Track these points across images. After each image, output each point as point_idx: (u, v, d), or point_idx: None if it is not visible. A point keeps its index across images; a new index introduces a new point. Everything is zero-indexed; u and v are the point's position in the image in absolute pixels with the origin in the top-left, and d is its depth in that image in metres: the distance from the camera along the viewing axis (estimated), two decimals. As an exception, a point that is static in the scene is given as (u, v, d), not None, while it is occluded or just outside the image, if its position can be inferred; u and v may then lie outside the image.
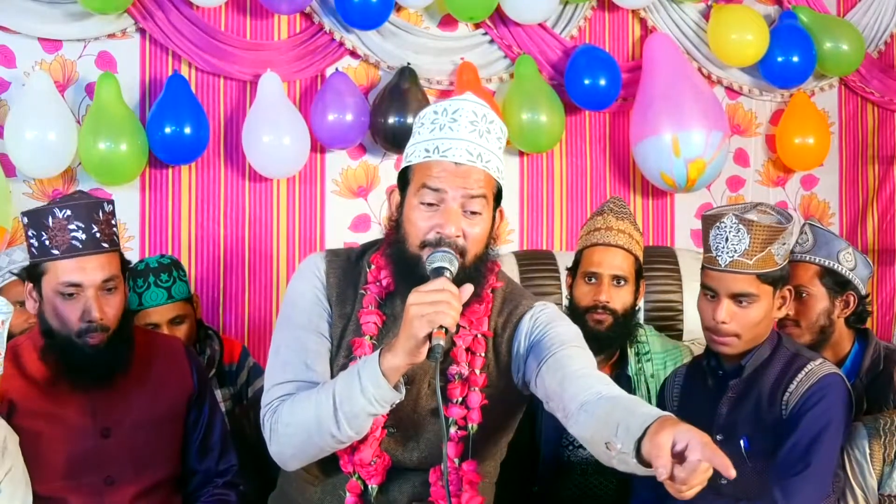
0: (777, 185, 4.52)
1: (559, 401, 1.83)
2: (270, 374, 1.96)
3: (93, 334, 2.26)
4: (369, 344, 1.93)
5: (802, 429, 2.23)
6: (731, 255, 2.29)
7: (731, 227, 2.30)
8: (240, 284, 3.85)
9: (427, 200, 1.87)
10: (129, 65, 3.72)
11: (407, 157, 1.95)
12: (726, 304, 2.30)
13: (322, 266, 2.01)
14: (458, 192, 1.86)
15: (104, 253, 2.30)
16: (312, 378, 1.91)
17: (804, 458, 2.22)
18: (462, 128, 1.88)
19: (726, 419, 2.34)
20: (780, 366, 2.34)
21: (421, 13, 4.05)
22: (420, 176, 1.89)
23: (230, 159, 3.85)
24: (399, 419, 1.94)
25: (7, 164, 3.54)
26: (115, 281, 2.32)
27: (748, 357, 2.35)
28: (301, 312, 1.98)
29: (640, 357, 2.80)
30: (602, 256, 2.74)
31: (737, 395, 2.35)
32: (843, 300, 2.69)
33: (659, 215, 4.36)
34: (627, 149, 4.25)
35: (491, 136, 1.92)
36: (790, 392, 2.28)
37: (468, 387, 1.93)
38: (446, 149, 1.87)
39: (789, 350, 2.37)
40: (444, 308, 1.72)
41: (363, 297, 1.98)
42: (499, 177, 1.93)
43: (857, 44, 4.35)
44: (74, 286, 2.25)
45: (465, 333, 1.94)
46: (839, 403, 2.28)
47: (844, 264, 2.69)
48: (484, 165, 1.89)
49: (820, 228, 2.75)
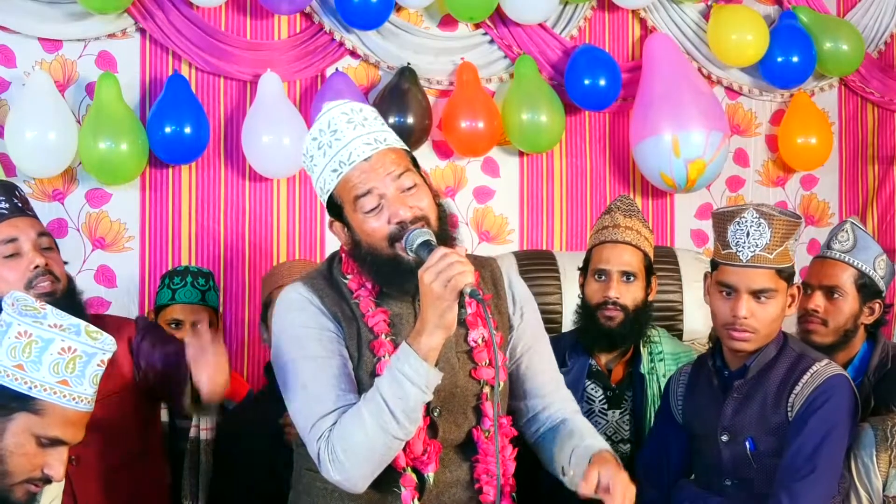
0: (777, 185, 4.52)
1: (527, 406, 2.10)
2: (306, 413, 1.92)
3: (41, 279, 2.27)
4: (388, 341, 1.95)
5: (808, 431, 2.23)
6: (752, 249, 2.27)
7: (752, 222, 2.28)
8: (240, 284, 3.85)
9: (368, 207, 1.91)
10: (130, 65, 3.72)
11: (323, 190, 1.98)
12: (747, 299, 2.29)
13: (309, 294, 1.99)
14: (387, 180, 1.91)
15: (31, 217, 2.37)
16: (351, 401, 1.90)
17: (810, 460, 2.21)
18: (345, 132, 1.94)
19: (731, 420, 2.33)
20: (785, 367, 2.33)
21: (421, 13, 4.05)
22: (346, 192, 1.93)
23: (230, 159, 3.85)
24: (443, 399, 1.96)
25: (7, 163, 3.54)
26: (49, 239, 2.36)
27: (753, 358, 2.35)
28: (312, 344, 1.95)
29: (652, 357, 2.81)
30: (610, 253, 2.76)
31: (742, 395, 2.34)
32: (870, 307, 2.69)
33: (659, 215, 4.36)
34: (627, 149, 4.25)
35: (370, 120, 1.98)
36: (795, 394, 2.27)
37: (490, 348, 1.97)
38: (348, 155, 1.92)
39: (795, 351, 2.36)
40: (458, 268, 1.78)
41: (358, 305, 1.99)
42: (401, 145, 2.00)
43: (857, 44, 4.35)
44: (11, 242, 2.29)
45: (469, 301, 1.94)
46: (845, 405, 2.28)
47: (879, 271, 2.69)
48: (385, 145, 1.95)
49: (861, 230, 2.73)
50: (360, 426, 1.84)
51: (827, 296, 2.68)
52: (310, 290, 2.00)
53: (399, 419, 1.83)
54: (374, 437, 1.84)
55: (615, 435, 2.76)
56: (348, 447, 1.85)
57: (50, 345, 1.74)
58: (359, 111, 1.97)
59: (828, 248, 2.75)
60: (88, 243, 3.67)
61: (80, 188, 3.66)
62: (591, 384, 2.78)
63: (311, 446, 1.91)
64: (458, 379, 1.98)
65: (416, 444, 1.93)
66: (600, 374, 2.79)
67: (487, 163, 4.14)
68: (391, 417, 1.82)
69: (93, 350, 1.78)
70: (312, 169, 1.99)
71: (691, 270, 3.36)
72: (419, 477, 1.95)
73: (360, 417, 1.85)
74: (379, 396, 1.83)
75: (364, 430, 1.84)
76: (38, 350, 1.73)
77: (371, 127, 1.96)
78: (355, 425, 1.85)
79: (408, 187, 1.93)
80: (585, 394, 2.76)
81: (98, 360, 1.80)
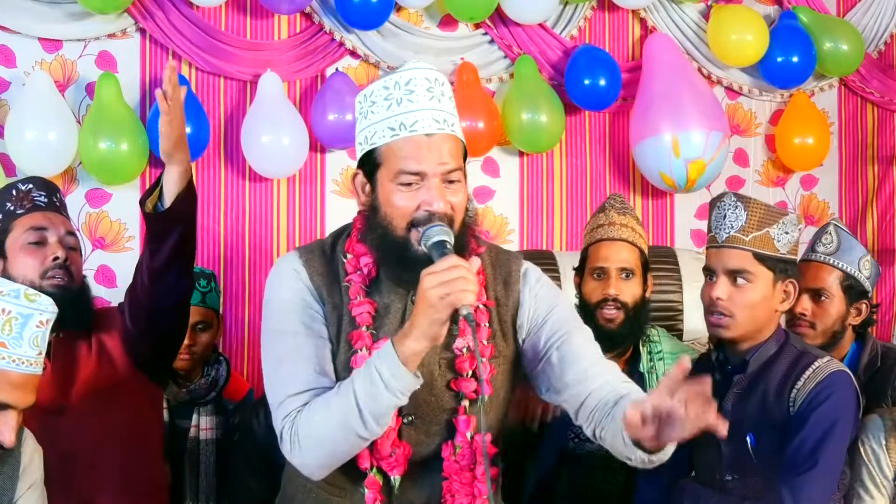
0: (777, 185, 4.53)
1: (572, 396, 1.89)
2: (278, 387, 1.88)
3: (57, 271, 2.30)
4: (368, 334, 1.88)
5: (810, 426, 2.22)
6: (728, 231, 2.31)
7: (729, 205, 2.32)
8: (240, 284, 3.85)
9: (406, 181, 1.82)
10: (130, 65, 3.72)
11: (367, 139, 1.88)
12: (723, 281, 2.31)
13: (301, 268, 1.93)
14: (438, 169, 1.82)
15: (64, 216, 2.44)
16: (324, 384, 1.85)
17: (812, 456, 2.21)
18: (421, 97, 1.84)
19: (731, 414, 2.33)
20: (786, 363, 2.33)
21: (421, 13, 4.05)
22: (392, 158, 1.84)
23: (230, 159, 3.85)
24: (417, 406, 1.88)
25: (7, 163, 3.54)
26: (75, 240, 2.41)
27: (753, 352, 2.35)
28: (294, 319, 1.90)
29: (652, 356, 2.81)
30: (608, 251, 2.76)
31: (742, 390, 2.35)
32: (857, 308, 2.69)
33: (659, 215, 4.36)
34: (627, 149, 4.25)
35: (446, 98, 1.88)
36: (797, 389, 2.27)
37: (476, 359, 1.86)
38: (413, 122, 1.82)
39: (797, 348, 2.37)
40: (461, 285, 1.68)
41: (348, 289, 1.91)
42: (462, 137, 1.92)
43: (856, 44, 4.35)
44: (40, 230, 2.33)
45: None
46: (847, 401, 2.28)
47: (863, 272, 2.69)
48: (451, 130, 1.86)
49: (844, 231, 2.74)
50: (326, 417, 1.79)
51: (813, 299, 2.68)
52: (302, 263, 1.94)
53: (366, 420, 1.76)
54: (339, 431, 1.78)
55: (615, 433, 2.77)
56: (311, 434, 1.80)
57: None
58: (441, 84, 1.88)
59: (812, 250, 2.76)
60: (88, 243, 3.67)
61: (81, 188, 3.66)
62: (590, 382, 2.78)
63: (277, 423, 1.86)
64: (435, 387, 1.90)
65: (383, 445, 1.86)
66: (600, 371, 2.79)
67: (487, 163, 4.14)
68: (358, 417, 1.76)
69: (28, 311, 1.79)
70: (366, 114, 1.89)
71: (691, 270, 3.36)
72: (385, 479, 1.89)
73: (328, 408, 1.79)
74: (352, 392, 1.77)
75: (329, 422, 1.78)
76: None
77: (446, 106, 1.87)
78: (322, 415, 1.79)
79: (452, 181, 1.85)
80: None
81: (36, 322, 1.80)
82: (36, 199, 2.39)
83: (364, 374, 1.78)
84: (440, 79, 1.89)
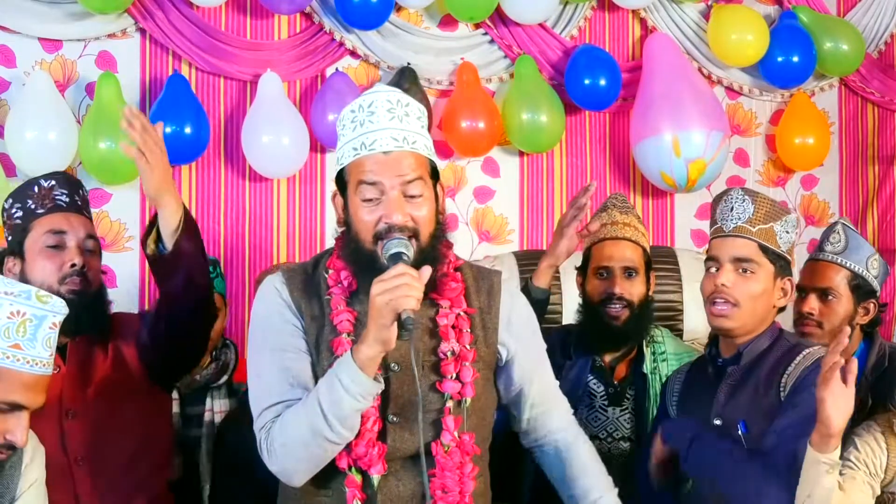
0: (777, 185, 4.53)
1: (523, 421, 2.17)
2: (256, 400, 1.99)
3: (74, 278, 2.29)
4: (348, 341, 1.96)
5: (800, 402, 2.19)
6: (735, 221, 2.33)
7: (736, 198, 2.34)
8: (240, 284, 3.85)
9: (368, 196, 1.92)
10: (130, 65, 3.73)
11: (338, 160, 1.98)
12: (728, 269, 2.31)
13: (281, 286, 2.03)
14: (395, 181, 1.90)
15: (85, 217, 2.40)
16: (298, 395, 1.94)
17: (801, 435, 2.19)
18: (381, 118, 1.93)
19: (724, 405, 2.33)
20: (779, 353, 2.33)
21: (421, 13, 4.05)
22: (355, 174, 1.93)
23: (230, 159, 3.85)
24: (400, 406, 1.97)
25: (7, 163, 3.54)
26: (95, 243, 2.39)
27: (747, 345, 2.35)
28: (273, 334, 2.00)
29: (655, 357, 2.82)
30: (612, 250, 2.77)
31: (735, 381, 2.34)
32: (864, 307, 2.69)
33: (659, 215, 4.36)
34: (627, 149, 4.25)
35: (410, 119, 1.96)
36: (788, 374, 2.26)
37: (460, 362, 1.98)
38: (372, 141, 1.92)
39: (789, 342, 2.37)
40: (404, 291, 1.77)
41: (329, 301, 2.01)
42: (429, 154, 1.98)
43: (857, 44, 4.36)
44: (59, 234, 2.32)
45: (447, 312, 1.99)
46: None
47: (871, 271, 2.69)
48: (411, 147, 1.93)
49: (852, 230, 2.73)
50: (297, 425, 1.89)
51: (821, 298, 2.68)
52: (284, 281, 2.04)
53: (332, 424, 1.85)
54: (309, 437, 1.87)
55: (615, 432, 2.76)
56: (286, 442, 1.90)
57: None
58: (404, 105, 1.96)
59: (820, 250, 2.76)
60: (88, 243, 3.67)
61: (80, 188, 3.66)
62: (592, 380, 2.78)
63: (257, 434, 1.96)
64: (420, 389, 1.95)
65: (358, 445, 1.93)
66: (603, 370, 2.79)
67: (487, 163, 4.14)
68: (324, 422, 1.85)
69: (42, 313, 1.81)
70: (340, 136, 2.00)
71: (691, 270, 3.37)
72: (365, 478, 1.96)
73: (297, 417, 1.89)
74: (317, 400, 1.87)
75: (300, 429, 1.88)
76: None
77: (407, 125, 1.95)
78: (293, 424, 1.89)
79: (413, 195, 1.92)
80: (587, 389, 2.76)
81: (49, 323, 1.82)
82: (57, 199, 2.37)
83: (327, 382, 1.87)
84: (403, 100, 1.97)
